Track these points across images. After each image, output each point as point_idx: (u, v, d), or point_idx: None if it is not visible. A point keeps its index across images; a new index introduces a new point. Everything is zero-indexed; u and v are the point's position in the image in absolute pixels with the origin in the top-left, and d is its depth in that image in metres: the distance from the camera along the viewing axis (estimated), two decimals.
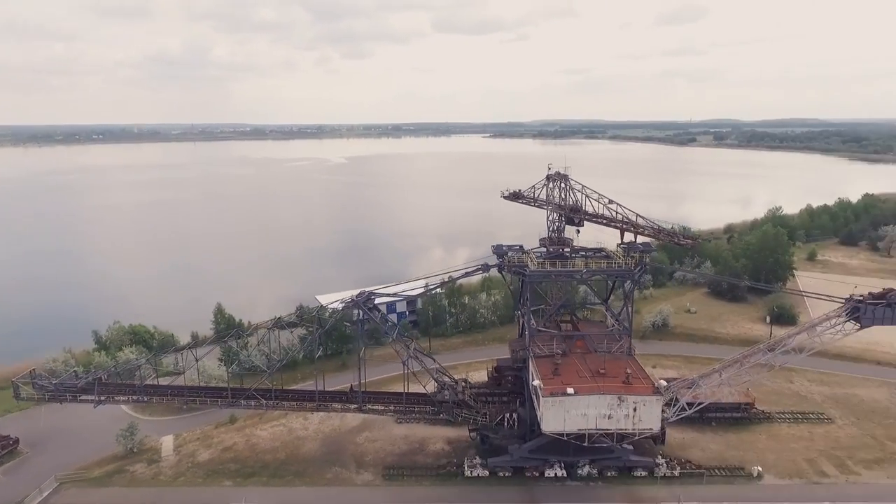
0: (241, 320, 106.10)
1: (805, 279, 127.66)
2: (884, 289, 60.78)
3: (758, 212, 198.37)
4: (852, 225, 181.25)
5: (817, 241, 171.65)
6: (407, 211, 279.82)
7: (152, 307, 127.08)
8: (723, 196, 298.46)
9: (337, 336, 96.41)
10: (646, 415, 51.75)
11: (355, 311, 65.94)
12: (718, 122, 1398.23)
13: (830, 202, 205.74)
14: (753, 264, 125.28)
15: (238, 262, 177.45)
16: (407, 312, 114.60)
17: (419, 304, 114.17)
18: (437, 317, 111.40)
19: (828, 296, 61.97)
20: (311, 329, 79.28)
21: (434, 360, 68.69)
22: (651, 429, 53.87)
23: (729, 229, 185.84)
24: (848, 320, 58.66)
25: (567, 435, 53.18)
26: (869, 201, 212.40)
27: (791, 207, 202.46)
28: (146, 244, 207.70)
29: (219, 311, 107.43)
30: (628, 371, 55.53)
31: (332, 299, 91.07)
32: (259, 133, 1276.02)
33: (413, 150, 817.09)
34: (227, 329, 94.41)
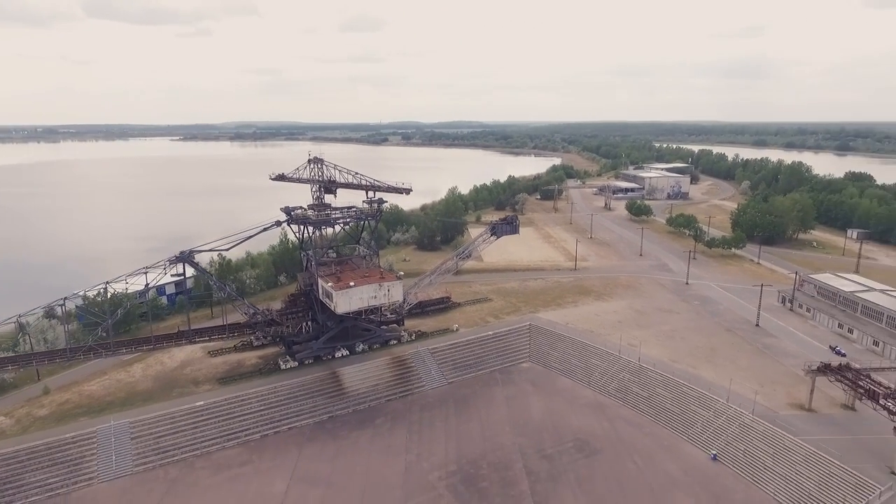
0: None
1: (474, 231, 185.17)
2: (505, 216, 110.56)
3: (442, 191, 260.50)
4: (501, 196, 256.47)
5: (482, 208, 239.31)
6: (118, 218, 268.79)
7: None
8: (416, 184, 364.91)
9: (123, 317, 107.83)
10: (394, 292, 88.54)
11: (180, 267, 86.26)
12: (404, 124, 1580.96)
13: (489, 182, 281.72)
14: (443, 225, 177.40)
15: None
16: (175, 294, 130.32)
17: (187, 284, 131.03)
18: (208, 292, 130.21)
19: (483, 224, 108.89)
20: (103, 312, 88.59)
21: (243, 299, 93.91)
22: (398, 301, 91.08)
23: (424, 207, 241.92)
24: (490, 235, 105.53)
25: (352, 313, 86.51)
26: (511, 180, 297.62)
27: (464, 188, 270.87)
28: None
29: None
30: (381, 270, 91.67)
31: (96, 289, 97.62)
32: None
33: (85, 156, 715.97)
34: None
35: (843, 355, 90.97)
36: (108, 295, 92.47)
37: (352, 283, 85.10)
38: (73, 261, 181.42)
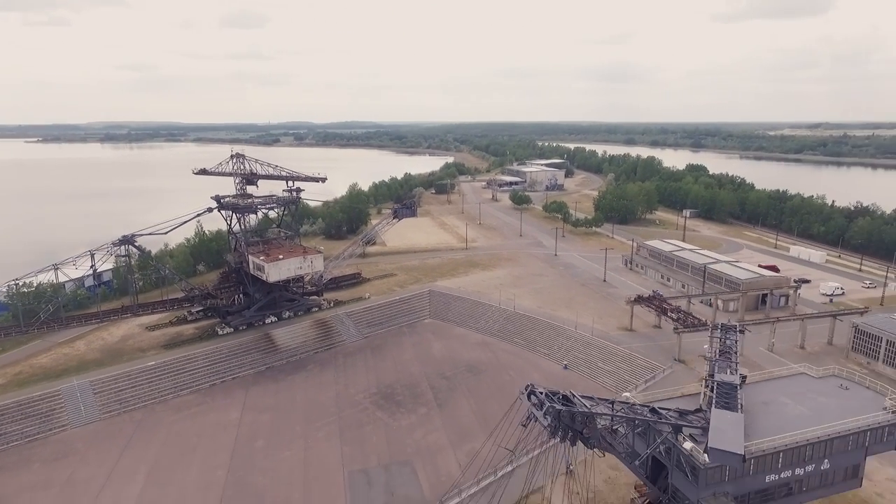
0: None
1: (376, 221, 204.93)
2: (404, 201, 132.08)
3: (343, 189, 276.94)
4: (399, 191, 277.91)
5: (382, 202, 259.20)
6: None
7: None
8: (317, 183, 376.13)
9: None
10: (316, 263, 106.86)
11: (123, 248, 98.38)
12: (296, 125, 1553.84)
13: (387, 179, 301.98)
14: (348, 215, 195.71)
15: None
16: (98, 285, 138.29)
17: (105, 277, 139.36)
18: (127, 280, 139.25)
19: (388, 209, 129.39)
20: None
21: (182, 277, 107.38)
22: (320, 271, 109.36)
23: (326, 203, 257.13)
24: (393, 218, 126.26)
25: (281, 281, 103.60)
26: (408, 177, 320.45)
27: (364, 185, 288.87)
28: None
29: None
30: (303, 247, 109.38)
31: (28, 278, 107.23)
32: None
33: None
34: None
35: (661, 296, 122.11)
36: (42, 281, 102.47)
37: (281, 257, 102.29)
38: None
